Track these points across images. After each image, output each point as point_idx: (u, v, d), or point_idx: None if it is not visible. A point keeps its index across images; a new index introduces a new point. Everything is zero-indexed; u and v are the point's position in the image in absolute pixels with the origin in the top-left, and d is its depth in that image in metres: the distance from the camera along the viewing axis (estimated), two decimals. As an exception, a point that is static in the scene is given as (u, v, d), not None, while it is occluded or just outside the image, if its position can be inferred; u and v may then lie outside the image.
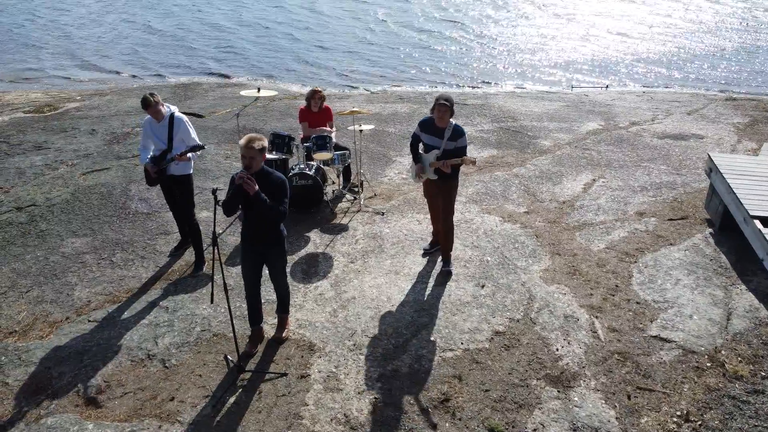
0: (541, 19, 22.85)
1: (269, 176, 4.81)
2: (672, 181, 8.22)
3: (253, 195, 4.65)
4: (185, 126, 6.32)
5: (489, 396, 4.65)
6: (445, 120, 5.63)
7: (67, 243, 7.16)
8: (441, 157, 5.72)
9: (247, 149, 4.67)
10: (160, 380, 5.04)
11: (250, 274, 5.11)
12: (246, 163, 4.72)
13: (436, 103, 5.59)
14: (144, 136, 6.41)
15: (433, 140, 5.80)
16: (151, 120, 6.28)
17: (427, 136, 5.85)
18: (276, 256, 5.12)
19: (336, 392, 4.80)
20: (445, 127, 5.68)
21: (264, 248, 5.04)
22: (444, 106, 5.53)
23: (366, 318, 5.61)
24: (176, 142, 6.30)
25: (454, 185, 5.93)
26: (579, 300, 5.69)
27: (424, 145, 5.95)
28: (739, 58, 18.08)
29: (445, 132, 5.68)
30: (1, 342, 5.61)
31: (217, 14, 23.81)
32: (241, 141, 4.75)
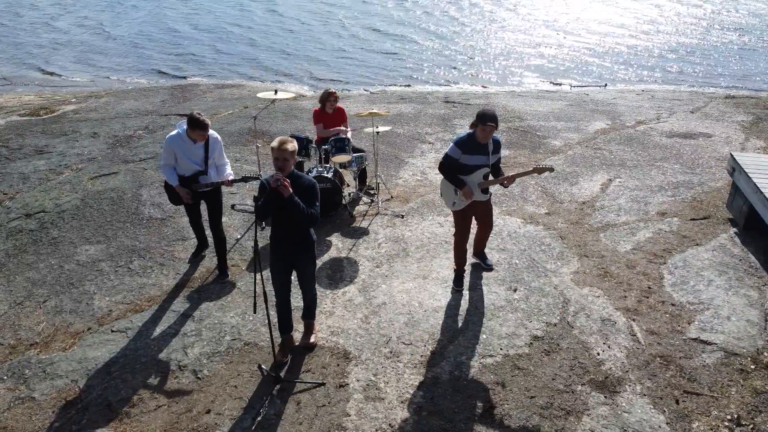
0: (532, 19, 22.88)
1: (299, 179, 4.71)
2: (688, 181, 8.22)
3: (288, 198, 4.54)
4: (221, 146, 6.00)
5: (535, 403, 4.58)
6: (490, 137, 5.39)
7: (81, 250, 6.99)
8: (488, 173, 5.54)
9: (281, 151, 4.56)
10: (194, 392, 4.90)
11: (280, 280, 4.99)
12: (279, 165, 4.61)
13: (481, 122, 5.28)
14: (169, 154, 5.81)
15: (479, 159, 5.48)
16: (182, 139, 5.77)
17: (471, 156, 5.47)
18: (306, 261, 5.00)
19: (377, 401, 4.70)
20: (487, 142, 5.48)
21: (294, 254, 4.92)
22: (492, 127, 5.26)
23: (399, 324, 5.51)
24: (211, 164, 5.96)
25: (491, 195, 5.81)
26: (614, 303, 5.64)
27: (462, 167, 5.52)
28: (735, 57, 18.22)
29: (488, 147, 5.49)
30: (23, 354, 5.43)
31: (193, 16, 23.58)
32: (273, 143, 4.64)
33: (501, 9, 24.50)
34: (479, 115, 5.36)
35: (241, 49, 19.09)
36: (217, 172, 6.08)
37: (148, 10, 24.19)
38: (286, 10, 24.11)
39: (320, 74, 16.84)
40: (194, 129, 5.68)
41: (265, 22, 22.41)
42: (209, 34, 20.71)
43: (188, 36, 20.56)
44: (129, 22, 22.42)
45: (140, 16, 23.34)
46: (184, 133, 5.78)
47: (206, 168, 5.95)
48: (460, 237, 5.78)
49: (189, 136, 5.77)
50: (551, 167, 5.48)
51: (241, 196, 8.18)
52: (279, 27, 21.72)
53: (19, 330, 5.76)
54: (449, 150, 5.57)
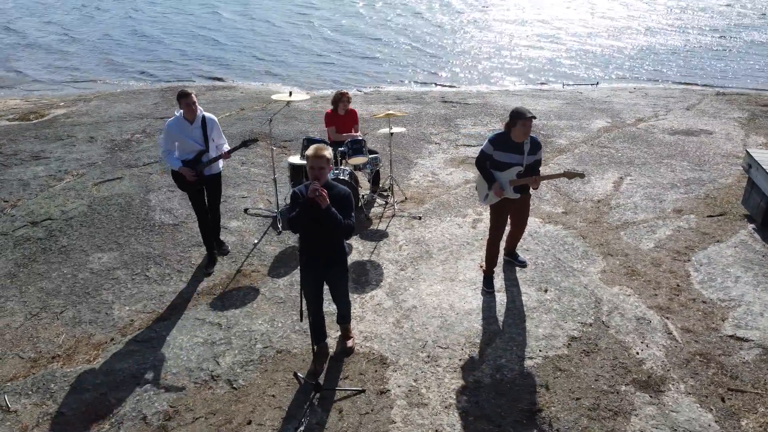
0: (511, 20, 23.00)
1: (334, 188, 4.57)
2: (698, 178, 8.29)
3: (325, 209, 4.41)
4: (218, 126, 6.26)
5: (581, 404, 4.55)
6: (527, 135, 5.36)
7: (94, 258, 6.80)
8: (523, 173, 5.51)
9: (317, 159, 4.42)
10: (231, 403, 4.78)
11: (312, 291, 4.86)
12: (315, 174, 4.45)
13: (519, 118, 5.24)
14: (168, 140, 6.13)
15: (512, 157, 5.46)
16: (180, 122, 6.04)
17: (504, 153, 5.47)
18: (339, 274, 4.85)
19: (421, 407, 4.63)
20: (524, 141, 5.46)
21: (327, 266, 4.78)
22: (531, 121, 5.26)
23: (433, 328, 5.45)
24: (210, 143, 6.18)
25: (530, 198, 5.79)
26: (645, 301, 5.64)
27: (496, 164, 5.56)
28: (712, 56, 18.44)
29: (524, 146, 5.47)
30: (46, 368, 5.26)
31: (183, 18, 23.30)
32: (308, 151, 4.50)
33: (474, 10, 24.56)
34: (514, 114, 5.35)
35: (219, 52, 18.93)
36: (217, 151, 6.31)
37: (113, 13, 23.84)
38: (261, 14, 23.91)
39: (307, 76, 16.69)
40: (179, 100, 5.92)
41: (241, 25, 22.19)
42: (189, 37, 20.45)
43: (158, 39, 20.30)
44: (105, 24, 22.02)
45: (107, 19, 22.98)
46: (181, 116, 6.03)
47: (207, 146, 6.15)
48: (494, 233, 5.77)
49: (185, 118, 6.00)
50: (582, 173, 5.48)
51: (252, 200, 8.05)
52: (254, 30, 21.52)
53: (38, 342, 5.58)
54: (483, 146, 5.63)
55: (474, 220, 7.32)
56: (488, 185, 5.65)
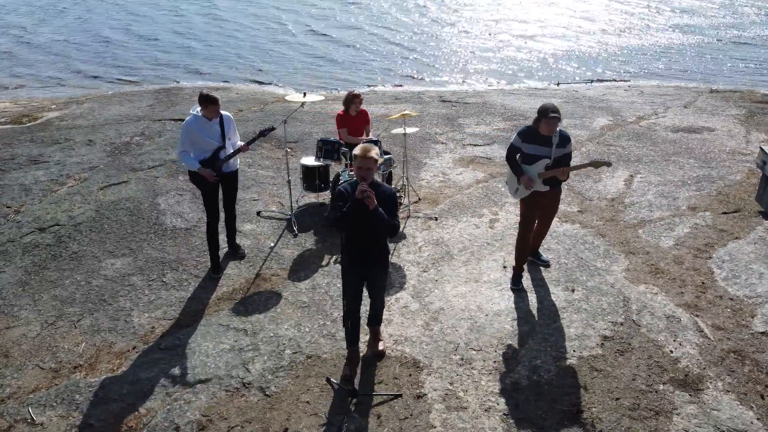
0: (498, 19, 23.09)
1: (379, 188, 4.52)
2: (707, 175, 8.35)
3: (373, 210, 4.36)
4: (234, 124, 6.23)
5: (622, 404, 4.54)
6: (554, 130, 5.42)
7: (107, 265, 6.66)
8: (552, 166, 5.51)
9: (366, 159, 4.37)
10: (266, 410, 4.70)
11: (352, 292, 4.80)
12: (362, 174, 4.41)
13: (543, 116, 5.31)
14: (185, 141, 6.04)
15: (540, 150, 5.51)
16: (199, 119, 5.97)
17: (532, 146, 5.53)
18: (380, 272, 4.83)
19: (461, 411, 4.58)
20: (552, 135, 5.46)
21: (369, 265, 4.74)
22: (555, 119, 5.30)
23: (464, 330, 5.41)
24: (227, 141, 6.14)
25: (560, 192, 5.78)
26: (673, 299, 5.65)
27: (525, 156, 5.61)
28: (697, 54, 18.64)
29: (552, 139, 5.47)
30: (69, 378, 5.12)
31: (163, 20, 23.04)
32: (355, 151, 4.45)
33: (458, 10, 24.60)
34: (541, 110, 5.36)
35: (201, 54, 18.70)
36: (233, 148, 6.25)
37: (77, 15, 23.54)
38: (233, 15, 23.65)
39: (300, 77, 16.57)
40: (207, 105, 5.86)
41: (216, 28, 21.89)
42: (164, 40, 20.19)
43: (122, 42, 20.01)
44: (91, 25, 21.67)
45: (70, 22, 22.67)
46: (200, 114, 5.96)
47: (224, 143, 6.08)
48: (523, 229, 5.79)
49: (204, 116, 5.93)
50: (609, 162, 5.50)
51: (264, 202, 7.94)
52: (232, 32, 21.28)
53: (57, 352, 5.44)
54: (513, 139, 5.72)
55: (491, 220, 7.29)
56: (517, 179, 5.66)
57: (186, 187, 8.34)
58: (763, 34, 20.61)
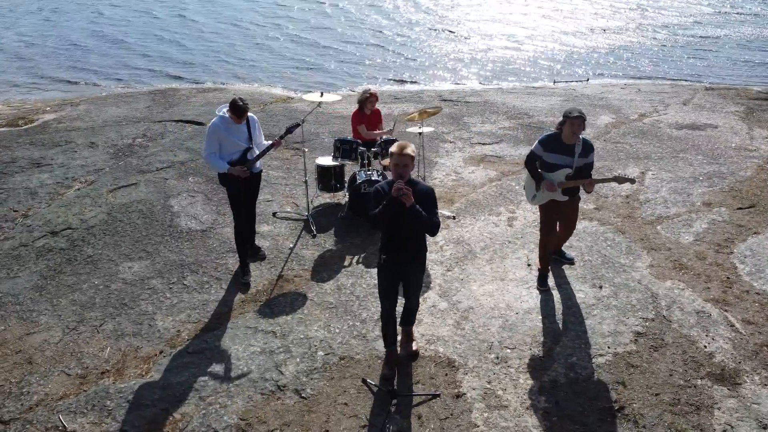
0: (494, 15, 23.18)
1: (416, 186, 4.49)
2: (717, 171, 8.43)
3: (410, 207, 4.33)
4: (259, 125, 6.20)
5: (662, 400, 4.55)
6: (577, 136, 5.33)
7: (124, 268, 6.55)
8: (573, 176, 5.47)
9: (402, 156, 4.34)
10: (304, 413, 4.64)
11: (389, 292, 4.75)
12: (399, 171, 4.37)
13: (569, 117, 5.21)
14: (213, 142, 5.97)
15: (562, 159, 5.41)
16: (225, 121, 5.90)
17: (553, 155, 5.44)
18: (417, 271, 4.79)
19: (502, 409, 4.57)
20: (574, 143, 5.41)
21: (407, 264, 4.70)
22: (580, 119, 5.21)
23: (496, 328, 5.39)
24: (254, 142, 6.10)
25: (579, 199, 5.76)
26: (700, 294, 5.69)
27: (544, 165, 5.53)
28: (684, 53, 18.85)
29: (575, 148, 5.42)
30: (98, 384, 5.03)
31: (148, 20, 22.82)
32: (392, 148, 4.41)
33: (444, 11, 24.68)
34: (565, 112, 5.33)
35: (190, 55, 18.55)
36: (259, 149, 6.20)
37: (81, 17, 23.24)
38: (230, 16, 23.47)
39: (296, 77, 16.50)
40: (240, 115, 5.82)
41: (209, 28, 21.66)
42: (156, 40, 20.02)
43: (124, 41, 19.78)
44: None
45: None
46: (226, 116, 5.88)
47: (251, 144, 6.05)
48: (544, 234, 5.74)
49: (231, 119, 5.87)
50: (633, 179, 5.45)
51: (278, 203, 7.87)
52: (223, 32, 21.10)
53: (82, 358, 5.34)
54: (534, 147, 5.62)
55: (509, 218, 7.29)
56: (536, 185, 5.61)
57: (197, 189, 8.24)
58: (747, 33, 20.88)
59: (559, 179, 5.49)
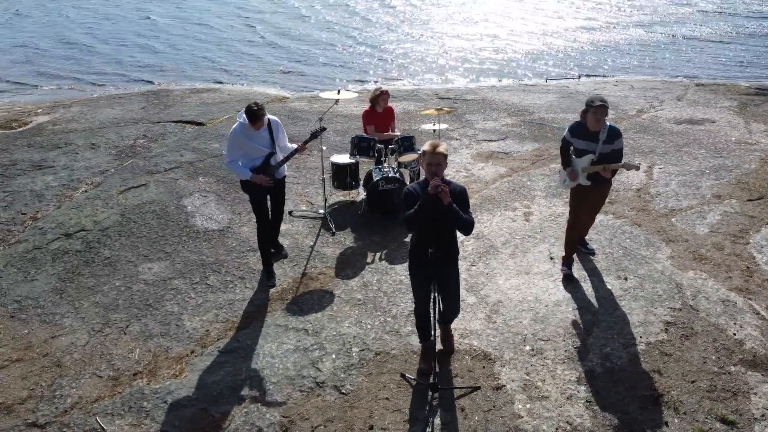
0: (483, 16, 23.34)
1: (449, 185, 4.46)
2: (722, 164, 8.60)
3: (447, 205, 4.33)
4: (282, 128, 6.09)
5: (699, 387, 4.64)
6: (601, 123, 5.46)
7: (144, 269, 6.49)
8: (597, 161, 5.56)
9: (435, 155, 4.31)
10: (346, 409, 4.65)
11: (423, 289, 4.75)
12: (433, 170, 4.35)
13: (592, 106, 5.33)
14: (233, 148, 5.87)
15: (587, 145, 5.56)
16: (245, 127, 5.78)
17: (580, 141, 5.60)
18: (451, 273, 4.75)
19: (543, 400, 4.62)
20: (599, 130, 5.51)
21: (440, 264, 4.65)
22: (602, 108, 5.33)
23: (527, 321, 5.45)
24: (277, 146, 6.01)
25: (609, 187, 5.84)
26: (723, 284, 5.81)
27: (575, 150, 5.71)
28: (683, 46, 19.20)
29: (599, 135, 5.52)
30: (131, 386, 4.98)
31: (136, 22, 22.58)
32: (425, 147, 4.39)
33: (430, 11, 24.79)
34: (587, 101, 5.44)
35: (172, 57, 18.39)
36: (282, 152, 6.11)
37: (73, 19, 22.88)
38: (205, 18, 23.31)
39: (282, 78, 16.44)
40: (255, 121, 5.69)
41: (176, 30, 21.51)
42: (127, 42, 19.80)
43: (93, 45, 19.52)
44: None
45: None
46: (246, 122, 5.75)
47: (275, 148, 5.95)
48: (572, 218, 5.91)
49: (251, 124, 5.76)
50: (637, 165, 5.56)
51: (293, 202, 7.84)
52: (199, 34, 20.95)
53: (112, 360, 5.28)
54: (565, 133, 5.84)
55: (525, 213, 7.36)
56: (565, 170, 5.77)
57: (209, 189, 8.19)
58: (726, 30, 21.30)
59: (584, 165, 5.60)
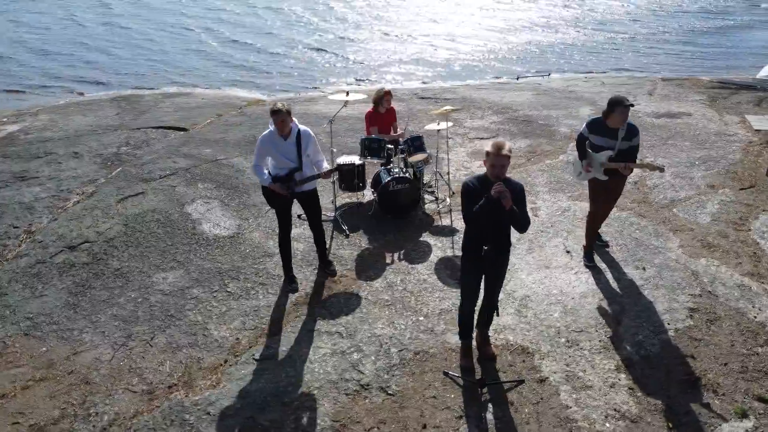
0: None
1: (509, 183, 4.52)
2: (708, 155, 8.95)
3: (509, 209, 4.38)
4: (315, 142, 5.84)
5: (732, 369, 4.84)
6: (624, 121, 5.61)
7: (158, 279, 6.34)
8: (616, 157, 5.71)
9: (500, 157, 4.33)
10: (396, 410, 4.66)
11: (473, 285, 4.82)
12: (497, 172, 4.40)
13: (618, 105, 5.46)
14: (260, 154, 5.76)
15: (606, 141, 5.68)
16: (273, 136, 5.66)
17: (598, 137, 5.72)
18: (502, 268, 4.82)
19: (588, 390, 4.74)
20: (619, 127, 5.67)
21: (494, 259, 4.71)
22: (630, 107, 5.48)
23: (558, 314, 5.57)
24: (305, 159, 5.78)
25: (625, 179, 5.99)
26: (735, 270, 6.06)
27: (591, 145, 5.83)
28: (641, 43, 19.87)
29: (618, 132, 5.67)
30: (169, 399, 4.87)
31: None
32: (488, 148, 4.40)
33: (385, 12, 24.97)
34: (613, 102, 5.58)
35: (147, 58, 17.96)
36: (312, 168, 5.91)
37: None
38: (145, 23, 22.82)
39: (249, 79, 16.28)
40: (271, 116, 5.57)
41: (120, 36, 20.96)
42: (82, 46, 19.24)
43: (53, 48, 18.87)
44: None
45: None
46: (274, 130, 5.64)
47: (300, 164, 5.74)
48: (592, 209, 6.10)
49: (279, 133, 5.62)
50: (662, 167, 5.74)
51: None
52: (138, 40, 20.43)
53: (143, 373, 5.15)
54: (582, 128, 5.97)
55: (532, 208, 7.49)
56: (582, 163, 5.90)
57: (210, 195, 8.04)
58: (675, 27, 22.19)
59: (602, 160, 5.73)
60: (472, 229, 4.58)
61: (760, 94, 12.59)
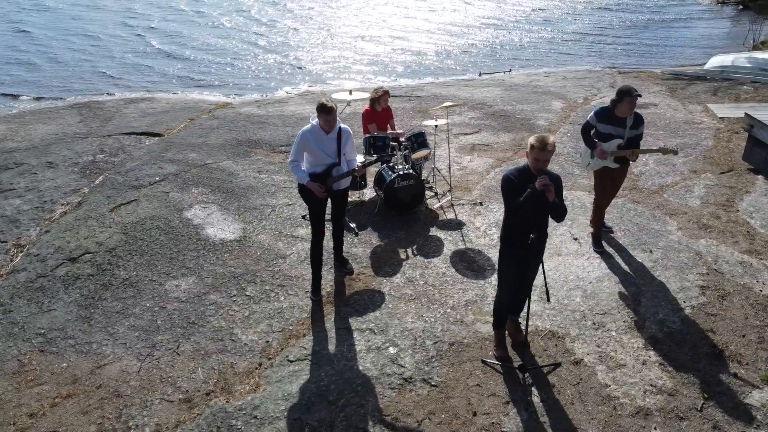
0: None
1: (549, 175, 4.63)
2: (684, 143, 9.41)
3: (551, 202, 4.51)
4: (352, 140, 5.84)
5: (750, 340, 5.15)
6: (632, 110, 5.84)
7: (171, 287, 6.21)
8: (625, 145, 5.95)
9: (544, 152, 4.43)
10: (443, 400, 4.74)
11: (512, 279, 4.93)
12: (540, 166, 4.52)
13: (627, 95, 5.69)
14: (299, 150, 5.63)
15: (614, 130, 5.91)
16: (315, 131, 5.58)
17: (606, 126, 5.94)
18: (539, 258, 4.94)
19: (622, 368, 4.94)
20: (626, 116, 5.91)
21: (532, 253, 4.81)
22: (638, 97, 5.72)
23: (580, 298, 5.77)
24: (342, 158, 5.79)
25: (629, 166, 6.23)
26: (734, 248, 6.42)
27: (599, 135, 6.04)
28: (588, 38, 20.63)
29: (626, 121, 5.92)
30: (210, 406, 4.80)
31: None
32: (532, 141, 4.46)
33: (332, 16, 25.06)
34: (621, 92, 5.82)
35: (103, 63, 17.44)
36: (347, 166, 5.92)
37: None
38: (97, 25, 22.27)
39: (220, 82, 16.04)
40: (321, 113, 5.48)
41: (62, 42, 20.48)
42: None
43: None
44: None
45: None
46: (317, 126, 5.59)
47: (339, 159, 5.75)
48: (598, 198, 6.32)
49: (321, 128, 5.58)
50: (676, 150, 6.04)
51: (300, 206, 7.74)
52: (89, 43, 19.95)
53: (176, 382, 5.04)
54: (589, 117, 6.15)
55: (531, 199, 7.70)
56: (591, 152, 6.10)
57: (206, 200, 7.90)
58: (615, 22, 23.12)
59: (611, 148, 5.97)
60: (515, 220, 4.68)
61: (714, 84, 13.29)
